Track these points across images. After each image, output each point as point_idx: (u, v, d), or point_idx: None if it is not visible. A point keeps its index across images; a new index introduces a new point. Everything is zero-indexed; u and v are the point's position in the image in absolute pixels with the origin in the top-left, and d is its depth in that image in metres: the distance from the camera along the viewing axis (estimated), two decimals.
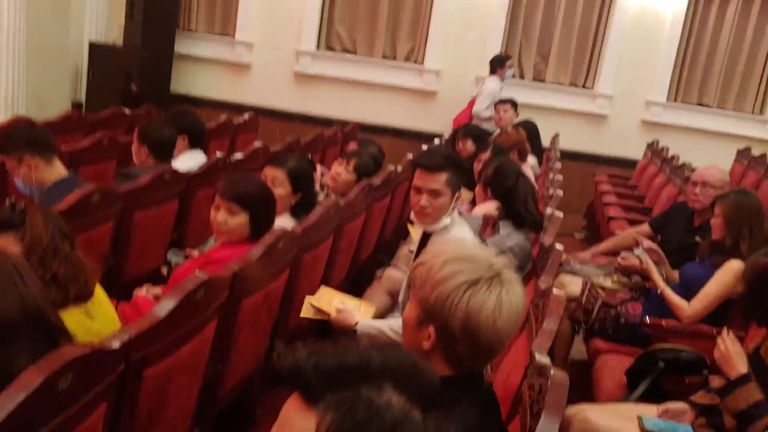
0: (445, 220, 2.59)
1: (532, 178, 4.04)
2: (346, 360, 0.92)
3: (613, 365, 2.88)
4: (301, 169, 3.23)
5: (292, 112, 7.82)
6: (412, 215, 2.69)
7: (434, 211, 2.54)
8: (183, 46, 7.79)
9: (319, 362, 0.91)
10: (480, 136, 5.22)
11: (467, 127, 5.66)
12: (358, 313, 2.64)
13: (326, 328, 2.86)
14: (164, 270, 3.43)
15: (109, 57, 7.34)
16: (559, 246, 2.59)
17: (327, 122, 7.43)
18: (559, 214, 3.21)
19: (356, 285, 4.17)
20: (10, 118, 4.89)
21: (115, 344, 1.59)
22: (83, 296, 1.88)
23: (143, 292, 2.74)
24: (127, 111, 5.94)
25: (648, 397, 2.55)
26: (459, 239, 2.49)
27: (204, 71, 7.91)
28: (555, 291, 2.13)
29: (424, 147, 5.25)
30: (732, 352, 2.08)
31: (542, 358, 1.66)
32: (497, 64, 6.94)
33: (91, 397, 1.51)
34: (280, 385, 0.96)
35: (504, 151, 4.21)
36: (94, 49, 7.36)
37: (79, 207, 2.81)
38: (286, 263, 2.63)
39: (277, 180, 3.07)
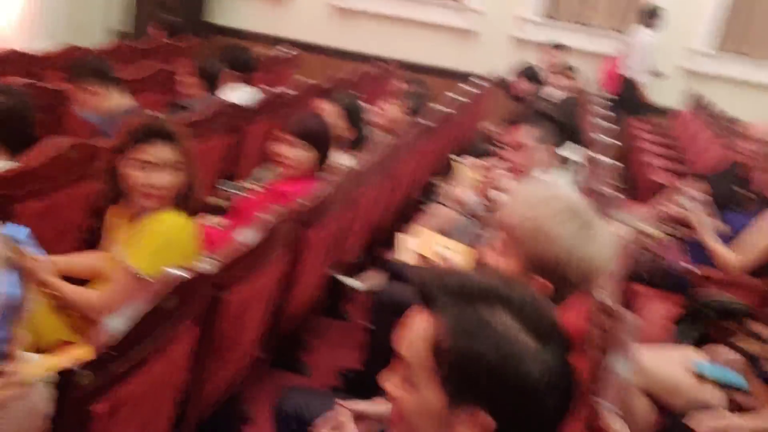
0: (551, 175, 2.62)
1: None
2: (470, 281, 1.03)
3: (657, 310, 2.96)
4: (354, 106, 3.30)
5: (330, 47, 7.78)
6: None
7: (526, 165, 2.58)
8: None
9: (445, 280, 1.03)
10: (532, 74, 5.20)
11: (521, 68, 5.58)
12: (458, 258, 2.68)
13: None
14: (215, 201, 3.51)
15: None
16: (614, 195, 2.64)
17: (365, 59, 7.40)
18: (608, 161, 3.25)
19: (401, 223, 4.26)
20: (62, 46, 4.92)
21: (209, 269, 1.68)
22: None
23: (206, 221, 2.84)
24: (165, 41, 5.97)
25: (694, 343, 2.64)
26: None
27: (242, 2, 7.86)
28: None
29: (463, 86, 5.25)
30: None
31: (607, 299, 1.74)
32: (648, 16, 6.66)
33: (185, 320, 1.62)
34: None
35: None
36: None
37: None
38: (350, 200, 2.71)
39: (332, 116, 3.13)
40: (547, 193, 1.60)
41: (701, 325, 2.72)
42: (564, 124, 2.67)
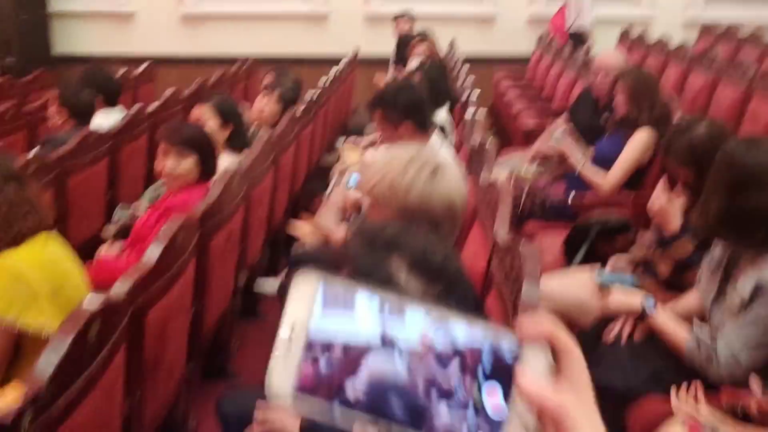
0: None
1: None
2: (381, 232, 1.21)
3: (549, 241, 3.17)
4: (226, 102, 3.31)
5: (183, 56, 7.63)
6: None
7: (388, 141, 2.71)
8: (58, 3, 7.39)
9: (362, 229, 1.24)
10: None
11: None
12: None
13: None
14: (109, 230, 3.44)
15: None
16: (490, 148, 2.80)
17: (222, 61, 7.31)
18: (482, 112, 3.42)
19: (295, 214, 4.31)
20: None
21: (121, 292, 1.69)
22: (41, 228, 1.99)
23: (104, 249, 2.79)
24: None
25: (585, 263, 2.86)
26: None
27: (85, 27, 7.58)
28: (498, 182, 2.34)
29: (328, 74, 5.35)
30: (668, 208, 2.36)
31: (507, 236, 1.88)
32: None
33: (111, 345, 1.62)
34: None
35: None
36: None
37: None
38: (241, 199, 2.73)
39: (204, 116, 3.14)
40: (391, 153, 1.75)
41: (588, 244, 2.96)
42: (414, 98, 2.79)
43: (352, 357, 0.49)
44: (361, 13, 7.70)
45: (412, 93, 2.79)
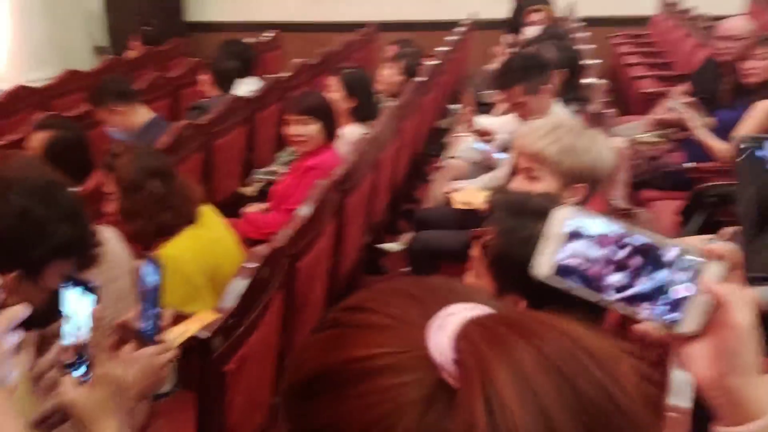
0: (553, 111, 2.85)
1: None
2: (522, 201, 1.39)
3: (665, 208, 3.25)
4: (354, 75, 3.54)
5: (306, 22, 7.96)
6: None
7: (529, 116, 2.82)
8: None
9: (506, 199, 1.43)
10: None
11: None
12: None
13: None
14: (246, 190, 3.79)
15: None
16: (611, 112, 2.91)
17: (343, 28, 7.60)
18: (602, 81, 3.50)
19: (416, 177, 4.54)
20: (59, 73, 5.14)
21: (283, 242, 1.97)
22: (183, 223, 2.14)
23: (249, 210, 3.13)
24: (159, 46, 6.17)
25: (703, 231, 2.93)
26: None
27: None
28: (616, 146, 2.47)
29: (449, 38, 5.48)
30: None
31: (622, 203, 2.03)
32: None
33: (276, 285, 1.91)
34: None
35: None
36: None
37: (176, 143, 3.16)
38: (371, 165, 2.98)
39: (332, 87, 3.40)
40: (553, 121, 1.91)
41: (704, 212, 3.01)
42: (544, 62, 2.90)
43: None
44: None
45: (540, 57, 2.92)
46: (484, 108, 4.55)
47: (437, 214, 3.29)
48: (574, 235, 0.71)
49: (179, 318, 1.49)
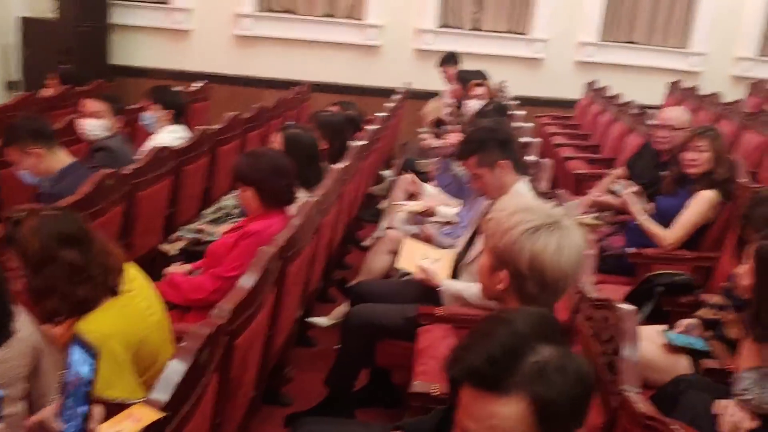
0: (517, 189, 2.71)
1: None
2: (503, 340, 1.10)
3: (611, 294, 3.17)
4: (297, 137, 3.36)
5: (235, 75, 7.78)
6: None
7: (486, 190, 2.71)
8: (118, 16, 7.59)
9: (489, 352, 1.09)
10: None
11: None
12: (440, 266, 2.81)
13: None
14: (167, 248, 3.48)
15: (43, 31, 7.10)
16: (563, 192, 2.83)
17: (271, 84, 7.48)
18: (546, 161, 3.45)
19: (347, 243, 4.35)
20: None
21: (222, 319, 1.72)
22: (104, 295, 1.87)
23: (173, 269, 2.84)
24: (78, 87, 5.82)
25: (650, 320, 2.86)
26: (519, 194, 2.67)
27: (143, 41, 7.74)
28: None
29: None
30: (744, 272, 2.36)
31: (597, 293, 1.91)
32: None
33: (214, 367, 1.66)
34: None
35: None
36: (28, 23, 7.10)
37: (96, 193, 2.86)
38: (314, 231, 2.78)
39: (275, 144, 3.21)
40: (516, 206, 1.68)
41: (652, 301, 2.96)
42: (505, 137, 2.80)
43: None
44: (413, 47, 7.82)
45: (503, 131, 2.82)
46: (421, 176, 4.46)
47: (376, 288, 3.10)
48: None
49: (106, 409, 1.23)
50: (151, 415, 1.25)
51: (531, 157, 3.59)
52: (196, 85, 6.22)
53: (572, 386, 1.06)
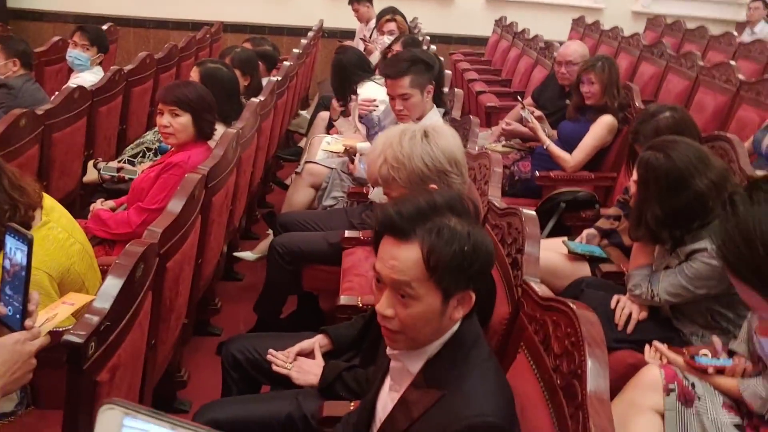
0: (430, 116, 2.81)
1: None
2: (419, 204, 1.32)
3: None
4: (214, 71, 3.36)
5: (142, 17, 7.54)
6: None
7: (410, 111, 2.78)
8: None
9: (401, 209, 1.31)
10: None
11: None
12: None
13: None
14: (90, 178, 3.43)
15: None
16: (474, 118, 2.99)
17: (180, 25, 7.32)
18: (460, 91, 3.60)
19: (268, 179, 4.42)
20: None
21: (154, 239, 1.80)
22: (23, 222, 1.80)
23: (98, 205, 2.86)
24: None
25: (554, 233, 3.10)
26: (432, 120, 2.78)
27: None
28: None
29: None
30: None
31: (501, 202, 2.08)
32: None
33: (148, 285, 1.74)
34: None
35: None
36: None
37: (9, 133, 2.82)
38: (235, 162, 2.84)
39: (192, 78, 3.22)
40: (383, 136, 1.93)
41: (556, 214, 3.19)
42: (433, 63, 2.90)
43: None
44: None
45: (431, 57, 2.92)
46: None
47: (300, 218, 3.20)
48: None
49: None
50: (84, 299, 1.34)
51: (444, 89, 3.73)
52: (103, 28, 6.01)
53: (461, 246, 1.26)
